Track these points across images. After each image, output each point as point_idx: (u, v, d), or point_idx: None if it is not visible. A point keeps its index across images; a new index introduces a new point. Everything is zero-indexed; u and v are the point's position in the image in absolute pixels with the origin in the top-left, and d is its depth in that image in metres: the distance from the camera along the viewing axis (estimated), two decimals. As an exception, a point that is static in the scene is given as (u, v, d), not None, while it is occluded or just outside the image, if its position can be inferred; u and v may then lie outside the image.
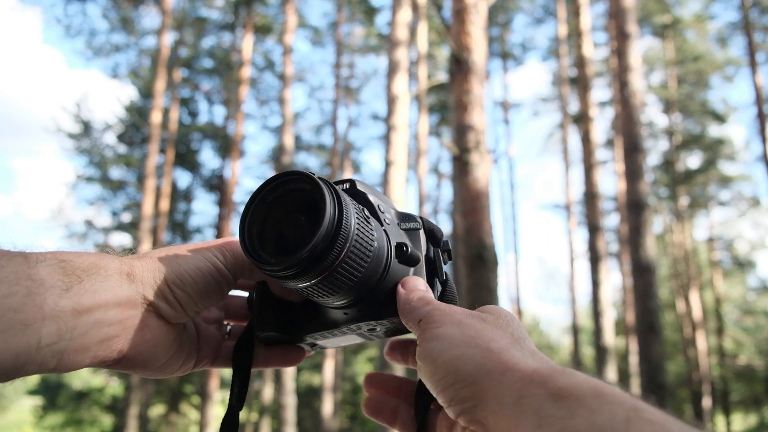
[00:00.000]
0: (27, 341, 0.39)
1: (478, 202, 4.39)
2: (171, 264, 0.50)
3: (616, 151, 16.02)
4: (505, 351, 0.42)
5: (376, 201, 0.56)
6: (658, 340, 7.01)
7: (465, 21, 4.69)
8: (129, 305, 0.47)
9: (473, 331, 0.45)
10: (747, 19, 15.67)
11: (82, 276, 0.44)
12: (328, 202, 0.47)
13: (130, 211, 18.70)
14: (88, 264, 0.45)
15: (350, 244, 0.48)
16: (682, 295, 18.59)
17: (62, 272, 0.43)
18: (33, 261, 0.42)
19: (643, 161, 7.60)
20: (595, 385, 0.37)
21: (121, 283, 0.47)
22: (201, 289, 0.51)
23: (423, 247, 0.56)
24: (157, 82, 13.77)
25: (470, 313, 0.49)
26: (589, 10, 14.21)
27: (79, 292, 0.43)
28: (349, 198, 0.50)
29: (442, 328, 0.46)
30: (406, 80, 8.58)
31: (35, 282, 0.41)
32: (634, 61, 7.85)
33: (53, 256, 0.44)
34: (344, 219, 0.47)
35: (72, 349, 0.43)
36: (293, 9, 14.24)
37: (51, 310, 0.41)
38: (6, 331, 0.38)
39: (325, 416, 13.90)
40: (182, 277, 0.50)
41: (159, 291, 0.49)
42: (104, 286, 0.45)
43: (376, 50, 19.66)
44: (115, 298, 0.46)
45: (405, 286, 0.53)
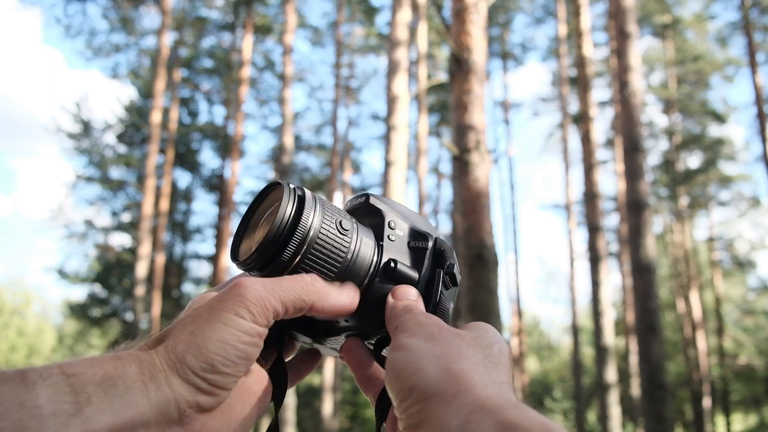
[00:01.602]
0: None
1: (478, 202, 4.39)
2: (193, 349, 0.42)
3: (616, 151, 16.02)
4: (465, 373, 0.40)
5: (390, 217, 0.56)
6: (658, 340, 7.01)
7: (465, 21, 4.69)
8: (162, 420, 0.39)
9: (441, 348, 0.43)
10: (747, 19, 15.68)
11: (93, 394, 0.36)
12: (283, 203, 0.49)
13: (130, 211, 18.73)
14: (102, 376, 0.37)
15: (308, 246, 0.49)
16: (682, 295, 18.60)
17: (69, 391, 0.35)
18: (31, 382, 0.34)
19: (643, 161, 7.61)
20: (545, 424, 0.35)
21: (145, 394, 0.39)
22: (237, 360, 0.43)
23: (425, 268, 0.54)
24: (157, 82, 13.78)
25: (447, 329, 0.47)
26: (589, 10, 14.21)
27: (92, 416, 0.35)
28: (327, 207, 0.52)
29: (411, 339, 0.45)
30: (406, 80, 8.59)
31: (29, 412, 0.33)
32: (634, 61, 7.85)
33: (60, 370, 0.36)
34: (302, 221, 0.49)
35: None
36: (293, 9, 14.24)
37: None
38: None
39: (325, 416, 13.91)
40: (211, 359, 0.42)
41: (192, 386, 0.41)
42: (123, 403, 0.37)
43: (376, 50, 19.67)
44: (141, 416, 0.37)
45: (394, 295, 0.52)
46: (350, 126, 20.59)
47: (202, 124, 19.58)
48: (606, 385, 10.78)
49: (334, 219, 0.52)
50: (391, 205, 0.57)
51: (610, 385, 10.78)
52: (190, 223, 19.96)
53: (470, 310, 4.14)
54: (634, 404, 13.79)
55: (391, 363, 0.44)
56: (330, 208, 0.52)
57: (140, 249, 12.99)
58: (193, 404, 0.41)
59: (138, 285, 12.77)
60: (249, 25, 16.95)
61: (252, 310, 0.44)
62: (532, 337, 27.77)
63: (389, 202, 0.57)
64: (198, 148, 19.89)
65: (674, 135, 18.93)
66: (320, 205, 0.51)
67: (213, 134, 19.34)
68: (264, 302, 0.45)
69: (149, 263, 14.18)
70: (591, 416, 18.97)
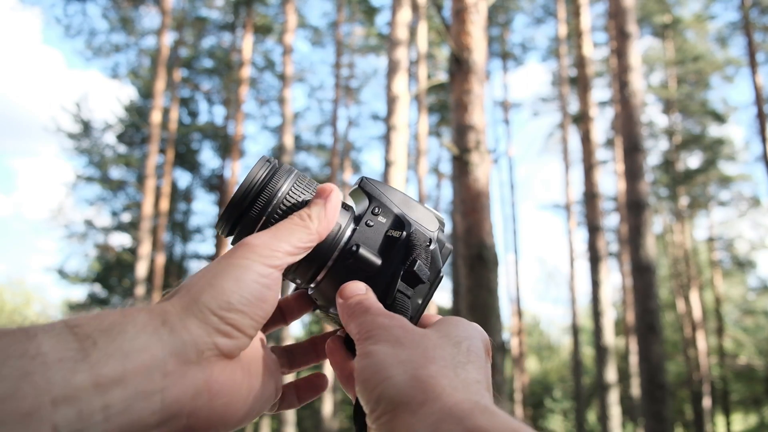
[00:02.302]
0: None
1: (478, 202, 4.39)
2: (207, 289, 0.41)
3: (616, 151, 16.02)
4: (432, 379, 0.39)
5: (378, 202, 0.55)
6: (658, 340, 7.01)
7: (465, 21, 4.69)
8: (178, 360, 0.38)
9: (407, 353, 0.41)
10: (747, 19, 15.68)
11: (100, 339, 0.35)
12: (255, 168, 0.52)
13: (130, 211, 18.73)
14: (108, 324, 0.36)
15: (275, 207, 0.51)
16: (682, 295, 18.60)
17: (74, 339, 0.34)
18: (33, 334, 0.33)
19: (643, 161, 7.61)
20: (515, 429, 0.34)
21: (158, 336, 0.37)
22: (252, 299, 0.43)
23: (393, 259, 0.52)
24: (157, 82, 13.78)
25: (413, 330, 0.44)
26: (589, 10, 14.21)
27: (100, 360, 0.34)
28: (303, 180, 0.54)
29: (376, 345, 0.43)
30: (406, 80, 8.59)
31: (31, 358, 0.32)
32: (634, 61, 7.86)
33: (62, 323, 0.35)
34: (271, 183, 0.51)
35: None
36: (293, 9, 14.24)
37: (62, 389, 0.32)
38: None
39: (325, 416, 13.91)
40: (227, 295, 0.41)
41: (209, 326, 0.40)
42: (134, 346, 0.36)
43: (376, 50, 19.67)
44: (153, 359, 0.36)
45: (342, 294, 0.49)
46: (350, 126, 20.60)
47: (202, 124, 19.59)
48: (606, 385, 10.78)
49: (308, 190, 0.53)
50: (384, 191, 0.56)
51: (610, 385, 10.78)
52: (190, 223, 19.97)
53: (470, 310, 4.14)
54: (634, 404, 13.79)
55: (358, 372, 0.42)
56: (307, 183, 0.54)
57: (140, 249, 12.99)
58: (211, 345, 0.40)
59: (138, 285, 12.77)
60: (249, 25, 16.95)
61: (261, 253, 0.44)
62: (532, 337, 27.77)
63: (384, 188, 0.56)
64: (198, 148, 19.91)
65: (674, 135, 18.93)
66: (295, 176, 0.53)
67: (213, 134, 19.35)
68: (271, 245, 0.45)
69: (149, 263, 14.18)
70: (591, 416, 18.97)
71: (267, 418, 14.83)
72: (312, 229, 0.48)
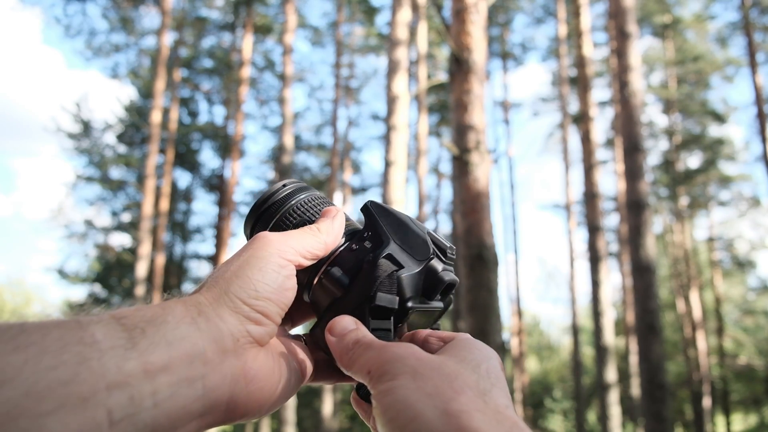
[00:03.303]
0: (92, 417, 0.32)
1: (478, 202, 4.39)
2: (235, 280, 0.44)
3: (616, 151, 16.02)
4: (465, 414, 0.37)
5: (373, 225, 0.55)
6: (658, 340, 7.01)
7: (465, 21, 4.69)
8: (216, 348, 0.40)
9: (431, 386, 0.39)
10: (747, 19, 15.68)
11: (146, 329, 0.37)
12: (281, 183, 0.57)
13: (130, 211, 18.73)
14: (151, 315, 0.38)
15: (285, 212, 0.55)
16: (682, 295, 18.60)
17: (122, 329, 0.36)
18: (85, 323, 0.36)
19: (643, 161, 7.61)
20: None
21: (196, 326, 0.40)
22: (276, 287, 0.45)
23: (359, 285, 0.51)
24: (156, 82, 13.78)
25: (428, 358, 0.42)
26: (589, 10, 14.21)
27: (148, 348, 0.36)
28: (317, 197, 0.58)
29: (395, 381, 0.40)
30: (406, 80, 8.59)
31: (88, 346, 0.34)
32: (634, 61, 7.86)
33: (109, 315, 0.38)
34: (286, 194, 0.56)
35: (165, 418, 0.36)
36: (293, 9, 14.24)
37: (115, 375, 0.34)
38: (58, 410, 0.31)
39: (325, 416, 13.91)
40: (254, 285, 0.44)
41: (240, 315, 0.43)
42: (176, 336, 0.38)
43: (376, 50, 19.67)
44: (194, 347, 0.39)
45: (333, 332, 0.47)
46: (350, 126, 20.60)
47: (202, 124, 19.59)
48: (606, 385, 10.78)
49: (319, 205, 0.57)
50: (383, 215, 0.55)
51: (610, 385, 10.78)
52: (190, 223, 19.97)
53: (470, 310, 4.14)
54: (634, 404, 13.79)
55: (382, 412, 0.39)
56: (320, 200, 0.57)
57: (140, 249, 12.99)
58: (245, 333, 0.42)
59: (138, 285, 12.77)
60: (249, 25, 16.95)
61: (277, 246, 0.47)
62: (532, 337, 27.76)
63: (383, 213, 0.55)
64: (198, 148, 19.90)
65: (674, 135, 18.93)
66: (310, 192, 0.58)
67: (213, 134, 19.34)
68: (284, 241, 0.48)
69: (149, 263, 14.18)
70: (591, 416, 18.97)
71: (267, 417, 14.82)
72: (320, 238, 0.51)
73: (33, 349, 0.32)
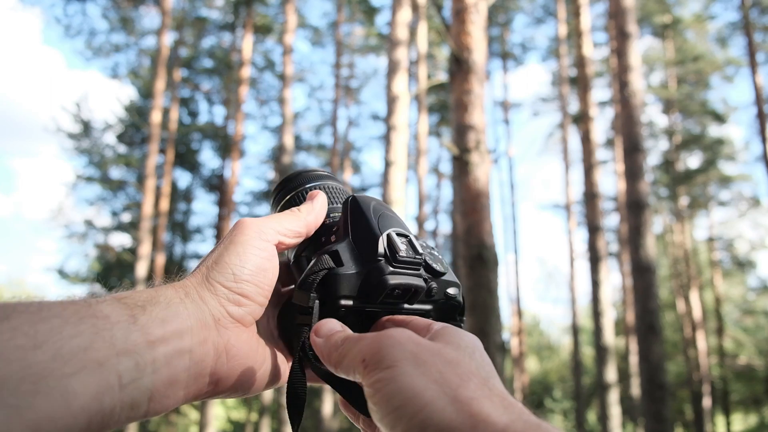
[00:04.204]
0: (106, 380, 0.37)
1: (478, 202, 4.39)
2: (215, 266, 0.48)
3: (616, 151, 16.02)
4: (476, 401, 0.36)
5: (343, 220, 0.56)
6: (658, 340, 7.01)
7: (465, 21, 4.69)
8: (201, 327, 0.45)
9: (436, 373, 0.38)
10: (747, 19, 15.68)
11: (145, 307, 0.42)
12: (309, 168, 0.62)
13: (130, 211, 18.71)
14: (146, 297, 0.44)
15: (293, 196, 0.60)
16: (682, 295, 18.60)
17: (123, 307, 0.41)
18: (94, 302, 0.41)
19: (643, 161, 7.61)
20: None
21: (184, 306, 0.45)
22: (255, 269, 0.49)
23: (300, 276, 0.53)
24: (157, 82, 13.77)
25: (426, 343, 0.41)
26: (589, 10, 14.21)
27: (147, 323, 0.41)
28: (339, 190, 0.62)
29: (396, 368, 0.38)
30: (406, 80, 8.58)
31: (100, 319, 0.39)
32: (634, 61, 7.85)
33: (110, 296, 0.43)
34: (300, 180, 0.61)
35: (161, 384, 0.41)
36: (293, 9, 14.24)
37: (123, 344, 0.39)
38: (80, 372, 0.36)
39: (325, 416, 13.90)
40: (233, 269, 0.48)
41: (222, 297, 0.47)
42: (169, 314, 0.43)
43: (376, 50, 19.67)
44: (183, 324, 0.44)
45: (319, 333, 0.46)
46: (350, 126, 20.60)
47: (202, 124, 19.58)
48: (606, 385, 10.78)
49: (334, 197, 0.61)
50: (351, 210, 0.55)
51: (610, 385, 10.78)
52: (190, 223, 19.96)
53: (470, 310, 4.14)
54: (634, 404, 13.79)
55: (385, 402, 0.38)
56: (336, 191, 0.61)
57: (140, 249, 12.98)
58: (225, 313, 0.47)
59: (138, 285, 12.76)
60: (249, 25, 16.95)
61: (255, 229, 0.51)
62: (532, 337, 27.76)
63: (355, 208, 0.55)
64: (198, 148, 19.89)
65: (674, 135, 18.93)
66: (324, 182, 0.62)
67: (213, 134, 19.34)
68: (263, 224, 0.52)
69: (149, 263, 14.17)
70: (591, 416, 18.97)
71: (267, 417, 14.82)
72: (300, 217, 0.55)
73: (56, 320, 0.37)
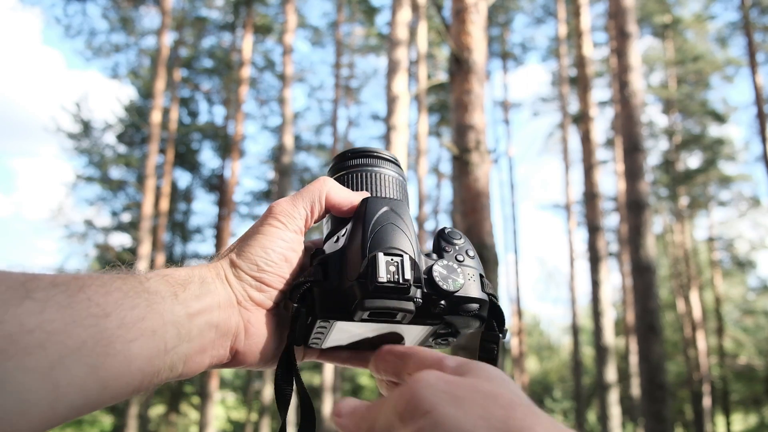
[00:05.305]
0: (156, 346, 0.43)
1: (478, 202, 4.39)
2: (240, 254, 0.53)
3: (616, 151, 16.02)
4: (527, 429, 0.33)
5: (354, 218, 0.56)
6: (658, 340, 7.01)
7: (465, 21, 4.69)
8: (227, 306, 0.51)
9: (479, 409, 0.34)
10: (747, 19, 15.67)
11: (185, 284, 0.48)
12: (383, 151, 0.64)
13: (130, 211, 18.70)
14: (185, 275, 0.49)
15: (346, 170, 0.62)
16: (682, 295, 18.59)
17: (167, 284, 0.47)
18: (144, 278, 0.46)
19: (643, 161, 7.61)
20: None
21: (215, 286, 0.51)
22: (277, 260, 0.54)
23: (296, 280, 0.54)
24: (156, 82, 13.77)
25: (457, 380, 0.38)
26: (589, 10, 14.21)
27: (187, 298, 0.47)
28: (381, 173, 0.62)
29: (436, 413, 0.34)
30: (406, 80, 8.58)
31: (152, 294, 0.45)
32: (634, 61, 7.85)
33: (155, 274, 0.48)
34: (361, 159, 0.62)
35: (193, 351, 0.47)
36: (293, 9, 14.24)
37: (170, 316, 0.45)
38: (138, 338, 0.42)
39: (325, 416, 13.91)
40: (256, 260, 0.53)
41: (245, 283, 0.52)
42: (204, 291, 0.49)
43: (376, 50, 19.67)
44: (213, 301, 0.49)
45: (341, 413, 0.44)
46: (350, 126, 20.60)
47: (202, 124, 19.57)
48: (606, 385, 10.78)
49: (376, 183, 0.61)
50: (366, 218, 0.54)
51: (610, 385, 10.78)
52: (190, 223, 19.94)
53: (470, 310, 4.13)
54: (634, 404, 13.79)
55: None
56: (381, 179, 0.61)
57: (140, 249, 12.98)
58: (246, 297, 0.52)
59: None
60: (249, 25, 16.95)
61: (282, 220, 0.55)
62: (532, 337, 27.76)
63: (367, 215, 0.54)
64: (198, 148, 19.88)
65: (674, 135, 18.92)
66: (382, 167, 0.62)
67: (213, 134, 19.33)
68: (290, 212, 0.55)
69: (149, 263, 14.17)
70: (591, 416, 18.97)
71: (267, 417, 14.82)
72: (322, 192, 0.57)
73: (118, 293, 0.43)
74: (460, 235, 0.60)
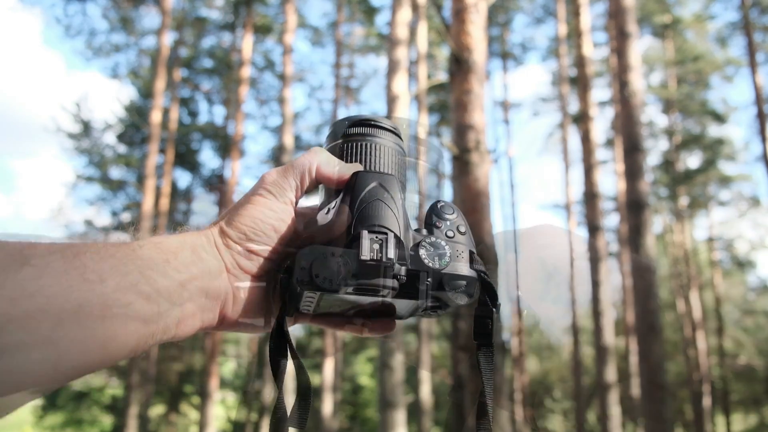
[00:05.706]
0: (151, 309, 0.46)
1: (478, 201, 4.38)
2: (230, 223, 0.55)
3: (616, 151, 16.01)
4: None
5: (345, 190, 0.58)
6: (658, 340, 7.01)
7: (465, 21, 4.69)
8: (217, 272, 0.53)
9: None
10: (747, 19, 15.67)
11: (176, 252, 0.51)
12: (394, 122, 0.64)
13: (130, 211, 18.69)
14: (176, 243, 0.52)
15: (349, 140, 0.61)
16: (682, 295, 18.59)
17: (159, 251, 0.49)
18: (137, 246, 0.49)
19: (643, 161, 7.60)
20: None
21: (206, 252, 0.53)
22: (266, 229, 0.55)
23: None
24: (156, 82, 13.77)
25: None
26: (589, 10, 14.20)
27: (178, 266, 0.49)
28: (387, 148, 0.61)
29: None
30: (406, 80, 8.58)
31: (144, 261, 0.48)
32: (634, 61, 7.85)
33: (147, 241, 0.51)
34: (370, 130, 0.61)
35: (185, 315, 0.50)
36: (293, 9, 14.23)
37: (163, 282, 0.48)
38: (134, 302, 0.45)
39: (325, 416, 13.90)
40: (242, 229, 0.55)
41: (233, 251, 0.54)
42: (194, 259, 0.51)
43: (376, 50, 19.66)
44: (204, 268, 0.52)
45: None
46: (350, 126, 20.54)
47: (202, 124, 19.57)
48: (606, 385, 10.78)
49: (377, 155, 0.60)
50: (361, 193, 0.57)
51: (610, 385, 10.78)
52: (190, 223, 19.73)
53: (470, 310, 4.13)
54: (634, 404, 13.79)
55: None
56: (389, 156, 0.61)
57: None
58: (235, 264, 0.54)
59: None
60: (249, 25, 16.94)
61: (271, 191, 0.56)
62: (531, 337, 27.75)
63: (362, 190, 0.57)
64: (198, 148, 19.88)
65: (674, 135, 18.92)
66: (390, 142, 0.62)
67: (213, 134, 19.33)
68: (280, 183, 0.57)
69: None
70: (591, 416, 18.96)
71: (267, 417, 14.82)
72: (312, 164, 0.58)
73: (113, 260, 0.46)
74: (453, 209, 0.62)
